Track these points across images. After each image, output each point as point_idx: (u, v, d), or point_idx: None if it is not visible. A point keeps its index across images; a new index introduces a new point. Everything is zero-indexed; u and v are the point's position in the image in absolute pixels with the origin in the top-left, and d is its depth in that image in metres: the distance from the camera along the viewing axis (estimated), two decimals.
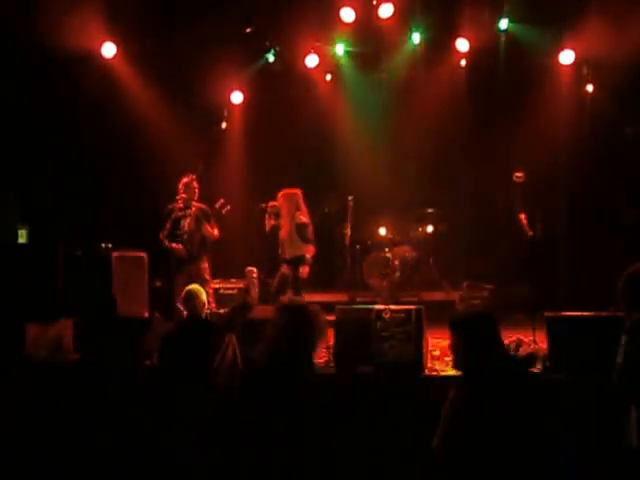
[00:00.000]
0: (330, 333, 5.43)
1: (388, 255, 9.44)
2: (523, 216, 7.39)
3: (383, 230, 9.79)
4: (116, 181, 9.48)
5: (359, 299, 8.92)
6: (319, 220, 9.80)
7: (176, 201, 7.71)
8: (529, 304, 7.22)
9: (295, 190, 8.05)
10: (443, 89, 9.90)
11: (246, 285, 5.77)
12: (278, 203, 7.98)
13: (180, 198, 7.70)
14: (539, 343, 6.07)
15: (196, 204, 7.80)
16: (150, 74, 9.50)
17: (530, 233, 7.30)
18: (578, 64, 9.48)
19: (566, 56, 9.41)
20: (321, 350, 5.78)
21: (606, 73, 9.15)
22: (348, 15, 9.35)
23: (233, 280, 8.25)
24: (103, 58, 9.36)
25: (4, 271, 6.70)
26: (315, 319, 3.66)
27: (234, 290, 8.20)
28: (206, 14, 9.21)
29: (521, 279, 8.61)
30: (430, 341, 6.08)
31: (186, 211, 7.74)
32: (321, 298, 8.06)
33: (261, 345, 3.59)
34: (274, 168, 9.96)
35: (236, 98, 10.23)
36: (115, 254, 7.61)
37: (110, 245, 7.68)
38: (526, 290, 8.12)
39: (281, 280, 7.85)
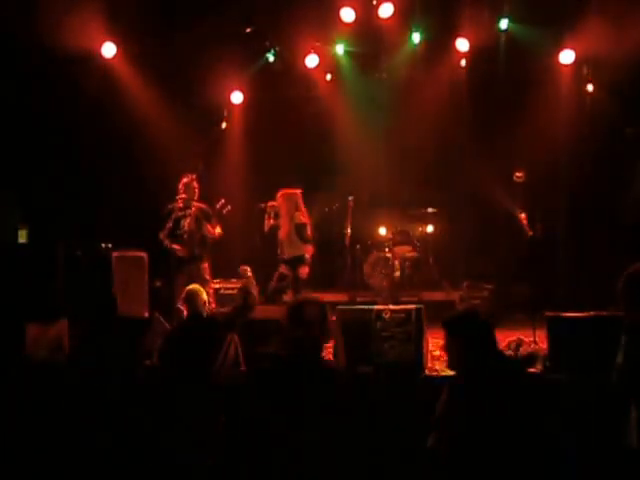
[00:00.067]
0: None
1: (388, 255, 9.43)
2: (523, 216, 7.40)
3: (383, 230, 9.78)
4: (116, 181, 9.48)
5: (359, 299, 8.92)
6: (319, 220, 9.80)
7: (176, 201, 7.71)
8: (529, 304, 7.23)
9: (294, 190, 8.05)
10: (443, 89, 9.89)
11: (245, 284, 5.75)
12: (277, 203, 7.98)
13: (180, 198, 7.70)
14: (539, 343, 6.07)
15: (196, 204, 7.80)
16: (150, 74, 9.51)
17: (530, 233, 7.31)
18: (578, 64, 9.48)
19: (566, 56, 9.41)
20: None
21: (606, 73, 9.15)
22: (348, 15, 9.36)
23: (233, 280, 8.24)
24: (103, 58, 9.37)
25: (4, 271, 6.69)
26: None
27: (234, 290, 8.18)
28: (206, 14, 9.22)
29: (521, 279, 8.62)
30: (430, 341, 6.08)
31: (186, 211, 7.74)
32: (321, 298, 8.04)
33: (278, 341, 3.57)
34: (274, 168, 9.96)
35: (236, 98, 10.23)
36: (115, 254, 7.61)
37: (110, 245, 7.68)
38: (526, 290, 8.13)
39: (280, 280, 7.85)
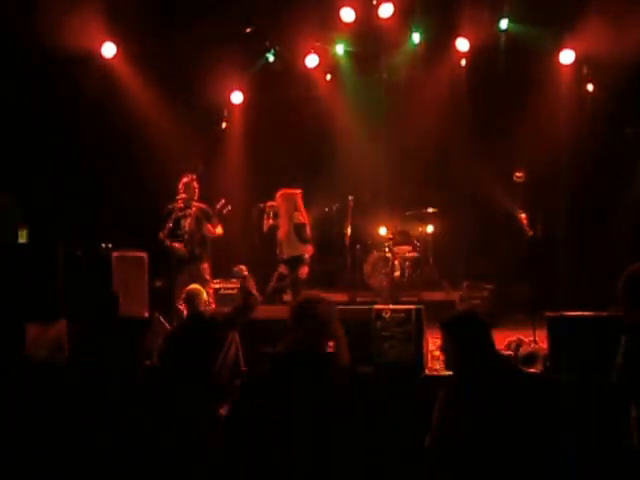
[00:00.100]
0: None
1: (388, 255, 9.43)
2: (523, 216, 7.40)
3: (383, 230, 9.77)
4: (116, 181, 9.47)
5: (359, 299, 8.91)
6: (319, 220, 9.80)
7: (176, 201, 7.70)
8: (529, 304, 7.22)
9: (293, 190, 8.04)
10: (443, 89, 9.90)
11: (244, 283, 5.72)
12: (276, 203, 7.97)
13: (180, 198, 7.69)
14: (539, 343, 6.07)
15: (196, 204, 7.79)
16: (150, 74, 9.51)
17: (530, 233, 7.30)
18: (578, 64, 9.49)
19: (566, 56, 9.41)
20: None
21: (606, 73, 9.15)
22: (348, 15, 9.37)
23: (233, 280, 8.22)
24: (103, 58, 9.37)
25: (4, 271, 6.69)
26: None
27: (234, 290, 8.17)
28: (206, 14, 9.22)
29: (521, 279, 8.61)
30: (430, 341, 6.07)
31: (186, 211, 7.73)
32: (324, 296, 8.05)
33: (288, 339, 3.56)
34: (274, 168, 9.96)
35: (236, 98, 10.23)
36: (115, 254, 7.60)
37: (110, 245, 7.67)
38: (526, 290, 8.12)
39: (279, 280, 7.85)
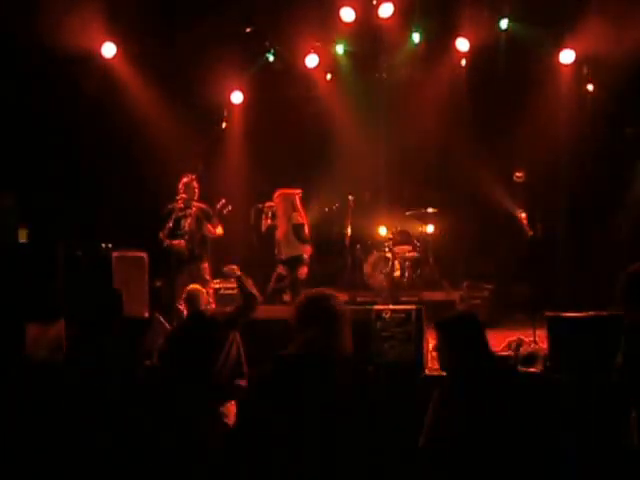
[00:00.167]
0: None
1: (388, 255, 9.42)
2: (523, 216, 7.40)
3: (383, 230, 9.77)
4: (116, 181, 9.48)
5: (359, 299, 8.90)
6: (319, 220, 9.80)
7: (176, 201, 7.70)
8: (529, 304, 7.22)
9: (291, 190, 8.04)
10: (443, 89, 9.89)
11: (244, 283, 5.72)
12: (274, 203, 7.97)
13: (180, 198, 7.69)
14: (539, 343, 6.07)
15: (196, 204, 7.79)
16: (150, 74, 9.51)
17: (530, 233, 7.30)
18: (578, 64, 9.48)
19: (566, 56, 9.41)
20: None
21: (606, 72, 9.14)
22: (348, 15, 9.37)
23: (233, 280, 8.22)
24: (103, 58, 9.37)
25: (4, 271, 6.69)
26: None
27: (234, 290, 8.16)
28: (206, 14, 9.22)
29: (521, 279, 8.61)
30: (430, 341, 6.07)
31: (186, 211, 7.73)
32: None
33: (299, 340, 3.54)
34: (274, 168, 9.96)
35: (236, 98, 10.24)
36: (115, 254, 7.60)
37: (110, 245, 7.68)
38: (526, 290, 8.12)
39: (278, 280, 7.85)
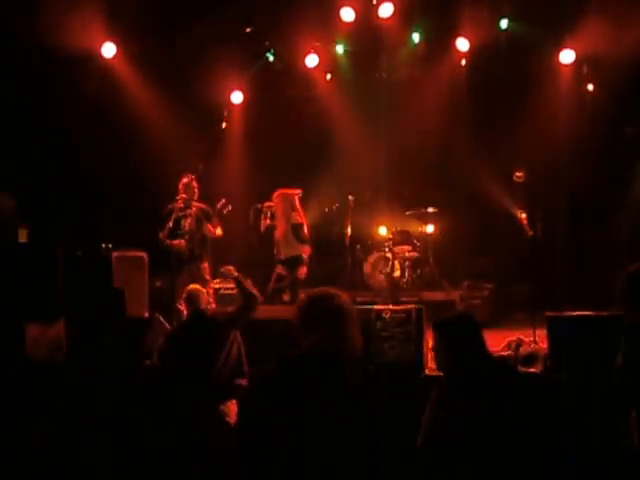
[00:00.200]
0: None
1: (388, 255, 9.42)
2: (523, 216, 7.40)
3: (383, 230, 9.77)
4: (116, 181, 9.48)
5: (359, 299, 8.89)
6: (319, 220, 9.80)
7: (176, 201, 7.70)
8: (529, 304, 7.22)
9: (290, 190, 8.03)
10: (443, 89, 9.89)
11: (243, 283, 5.72)
12: (273, 204, 7.96)
13: (180, 198, 7.69)
14: (539, 343, 6.07)
15: (197, 204, 7.79)
16: (150, 74, 9.51)
17: (530, 233, 7.30)
18: (578, 63, 9.48)
19: (566, 55, 9.40)
20: None
21: (606, 72, 9.15)
22: (348, 15, 9.36)
23: (233, 280, 8.22)
24: (103, 58, 9.38)
25: (4, 271, 6.68)
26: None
27: (234, 290, 8.16)
28: (206, 14, 9.22)
29: (521, 279, 8.62)
30: (430, 341, 6.06)
31: (186, 211, 7.73)
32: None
33: (308, 338, 3.54)
34: (274, 168, 9.96)
35: (236, 98, 10.24)
36: (115, 254, 7.59)
37: (110, 245, 7.67)
38: (526, 290, 8.13)
39: (278, 281, 7.85)
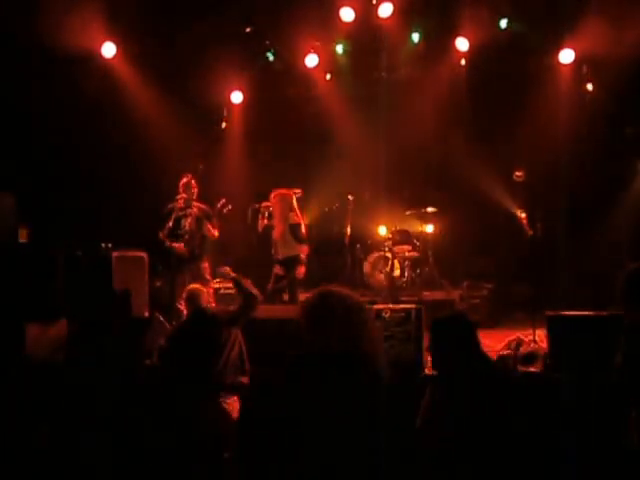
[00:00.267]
0: None
1: (388, 255, 9.42)
2: (523, 216, 7.40)
3: (383, 230, 9.77)
4: (116, 181, 9.47)
5: None
6: (319, 220, 9.80)
7: (176, 201, 7.71)
8: (529, 304, 7.22)
9: (288, 191, 8.03)
10: (443, 89, 9.88)
11: (242, 283, 5.72)
12: (271, 204, 7.96)
13: (180, 197, 7.70)
14: (539, 342, 6.07)
15: (197, 204, 7.80)
16: (150, 74, 9.51)
17: (530, 233, 7.30)
18: (578, 63, 9.48)
19: (566, 55, 9.41)
20: None
21: (606, 72, 9.14)
22: (348, 15, 9.36)
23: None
24: (103, 58, 9.38)
25: (4, 271, 6.68)
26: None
27: (234, 290, 8.17)
28: (206, 14, 9.21)
29: (521, 279, 8.62)
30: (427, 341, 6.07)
31: (187, 210, 7.73)
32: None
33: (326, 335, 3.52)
34: (274, 168, 9.96)
35: (236, 98, 10.24)
36: (115, 254, 7.59)
37: (110, 245, 7.67)
38: (526, 290, 8.13)
39: (276, 281, 7.85)
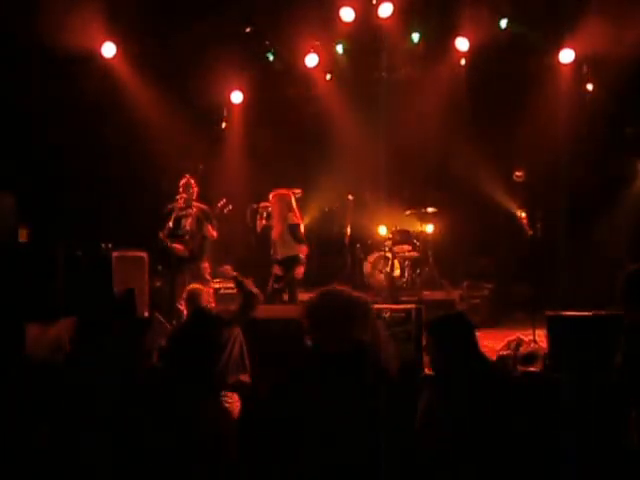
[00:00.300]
0: None
1: (388, 254, 9.42)
2: (523, 215, 7.40)
3: (383, 229, 9.77)
4: (116, 181, 9.48)
5: None
6: (319, 220, 9.80)
7: (176, 201, 7.71)
8: (529, 304, 7.22)
9: (287, 191, 8.03)
10: (443, 88, 9.88)
11: (243, 283, 5.72)
12: (270, 204, 7.96)
13: (180, 197, 7.71)
14: (539, 342, 6.07)
15: (197, 204, 7.80)
16: (150, 74, 9.50)
17: (530, 232, 7.31)
18: (578, 63, 9.48)
19: (566, 55, 9.40)
20: None
21: (606, 72, 9.14)
22: (348, 15, 9.36)
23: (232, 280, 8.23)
24: (103, 58, 9.37)
25: (4, 271, 6.68)
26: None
27: (234, 290, 8.16)
28: (206, 14, 9.21)
29: (521, 279, 8.62)
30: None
31: (187, 210, 7.74)
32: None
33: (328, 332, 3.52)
34: (274, 168, 9.96)
35: (236, 98, 10.23)
36: (115, 254, 7.60)
37: (110, 245, 7.67)
38: (526, 290, 8.13)
39: (276, 281, 7.85)
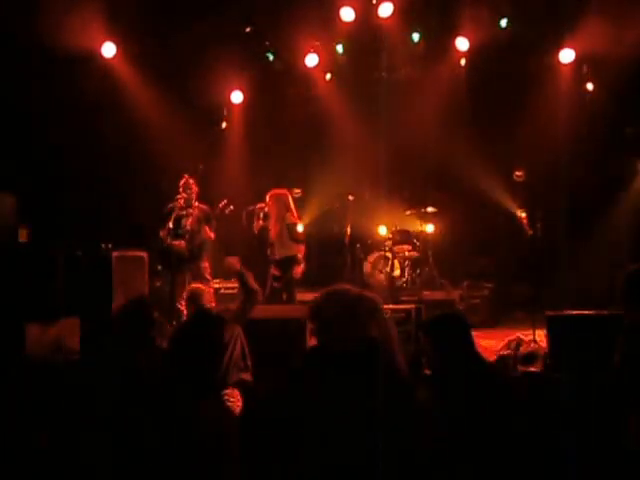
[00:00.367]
0: None
1: (388, 254, 9.43)
2: (523, 215, 7.41)
3: (383, 229, 9.77)
4: (116, 181, 9.48)
5: None
6: (319, 219, 9.80)
7: (177, 200, 7.71)
8: (529, 303, 7.23)
9: (283, 191, 8.03)
10: (443, 88, 9.88)
11: (245, 278, 5.70)
12: (267, 204, 7.96)
13: (181, 197, 7.71)
14: (539, 342, 6.08)
15: (198, 205, 7.80)
16: (150, 74, 9.51)
17: (530, 232, 7.31)
18: (578, 63, 9.48)
19: (566, 55, 9.40)
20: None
21: (606, 72, 9.15)
22: (348, 15, 9.36)
23: (233, 280, 8.23)
24: (103, 58, 9.37)
25: (4, 271, 6.69)
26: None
27: (234, 290, 8.18)
28: (206, 14, 9.21)
29: (521, 279, 8.62)
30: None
31: (187, 210, 7.74)
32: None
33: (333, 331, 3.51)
34: (274, 168, 9.96)
35: (236, 98, 10.23)
36: (115, 254, 7.61)
37: (110, 245, 7.68)
38: (526, 290, 8.14)
39: (275, 281, 7.86)
